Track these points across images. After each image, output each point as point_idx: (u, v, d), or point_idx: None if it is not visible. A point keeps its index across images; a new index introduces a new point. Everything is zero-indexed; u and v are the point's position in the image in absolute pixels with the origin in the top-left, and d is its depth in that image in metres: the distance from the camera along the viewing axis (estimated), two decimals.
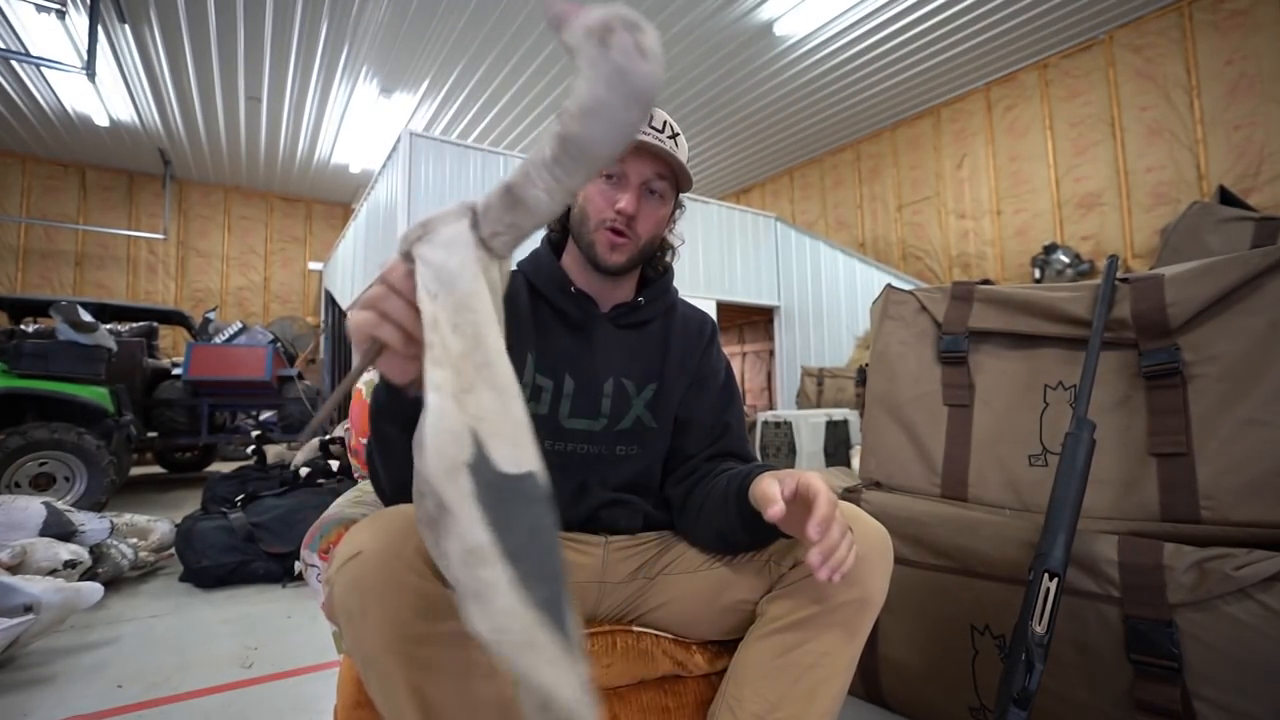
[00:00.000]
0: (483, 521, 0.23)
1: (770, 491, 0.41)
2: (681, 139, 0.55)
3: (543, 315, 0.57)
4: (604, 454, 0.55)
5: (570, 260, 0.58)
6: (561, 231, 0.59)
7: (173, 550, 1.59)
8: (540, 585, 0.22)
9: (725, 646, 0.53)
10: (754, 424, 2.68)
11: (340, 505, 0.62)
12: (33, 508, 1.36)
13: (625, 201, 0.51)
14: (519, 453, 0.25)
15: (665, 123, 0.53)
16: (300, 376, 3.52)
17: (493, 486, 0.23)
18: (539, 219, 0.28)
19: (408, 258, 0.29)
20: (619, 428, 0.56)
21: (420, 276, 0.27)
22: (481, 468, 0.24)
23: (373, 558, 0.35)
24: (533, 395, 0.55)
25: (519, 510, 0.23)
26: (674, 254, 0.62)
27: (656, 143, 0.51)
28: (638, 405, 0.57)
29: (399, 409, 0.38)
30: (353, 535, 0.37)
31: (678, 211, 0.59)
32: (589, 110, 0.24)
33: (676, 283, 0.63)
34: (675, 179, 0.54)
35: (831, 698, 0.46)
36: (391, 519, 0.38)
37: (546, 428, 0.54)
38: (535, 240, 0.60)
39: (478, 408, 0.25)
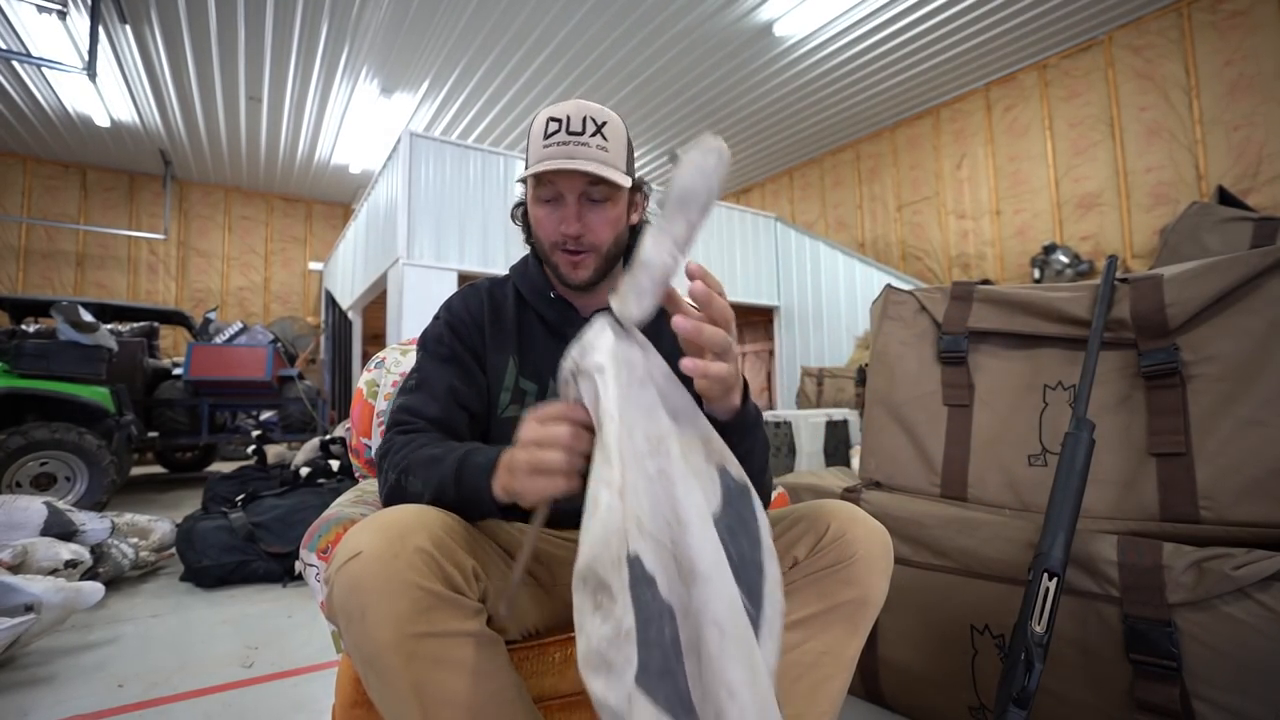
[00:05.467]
0: (632, 609, 0.28)
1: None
2: (611, 124, 0.51)
3: (527, 320, 0.58)
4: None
5: (553, 276, 0.58)
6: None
7: (173, 550, 1.59)
8: (662, 681, 0.27)
9: None
10: None
11: (340, 505, 0.62)
12: (34, 507, 1.36)
13: (566, 224, 0.50)
14: (644, 543, 0.30)
15: (586, 120, 0.50)
16: (301, 376, 3.52)
17: (640, 580, 0.29)
18: (653, 271, 0.36)
19: (576, 377, 0.36)
20: None
21: (592, 390, 0.34)
22: (635, 563, 0.29)
23: (372, 558, 0.35)
24: (516, 398, 0.55)
25: (651, 601, 0.29)
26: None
27: (578, 160, 0.48)
28: None
29: (481, 510, 0.43)
30: (352, 536, 0.37)
31: (640, 195, 0.57)
32: (684, 174, 0.35)
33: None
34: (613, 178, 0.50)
35: (832, 697, 0.46)
36: (391, 519, 0.38)
37: None
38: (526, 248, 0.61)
39: (637, 505, 0.30)
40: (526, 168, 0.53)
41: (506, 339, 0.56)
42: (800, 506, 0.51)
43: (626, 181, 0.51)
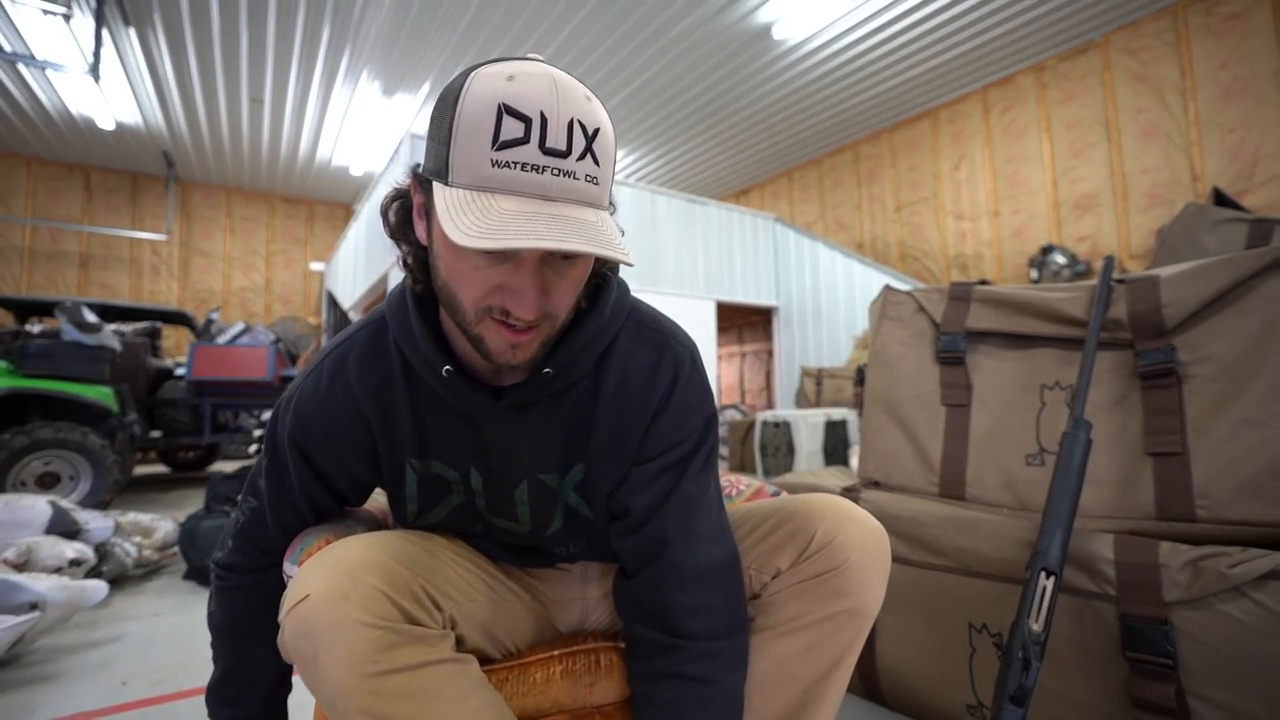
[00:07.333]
0: None
1: None
2: (602, 132, 0.31)
3: (426, 397, 0.41)
4: (541, 549, 0.47)
5: (452, 327, 0.38)
6: (427, 281, 0.38)
7: (176, 549, 1.60)
8: None
9: None
10: (753, 424, 2.68)
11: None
12: (38, 506, 1.37)
13: (525, 305, 0.32)
14: None
15: (573, 127, 0.30)
16: None
17: None
18: None
19: None
20: (549, 532, 0.45)
21: None
22: None
23: (321, 601, 0.33)
24: (440, 491, 0.43)
25: None
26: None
27: (565, 216, 0.29)
28: (566, 494, 0.43)
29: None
30: (300, 576, 0.35)
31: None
32: None
33: (674, 284, 0.46)
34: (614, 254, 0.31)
35: (825, 711, 0.44)
36: (341, 557, 0.36)
37: (468, 515, 0.45)
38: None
39: None
40: (447, 171, 0.30)
41: (403, 433, 0.41)
42: (785, 504, 0.45)
43: (622, 252, 0.30)
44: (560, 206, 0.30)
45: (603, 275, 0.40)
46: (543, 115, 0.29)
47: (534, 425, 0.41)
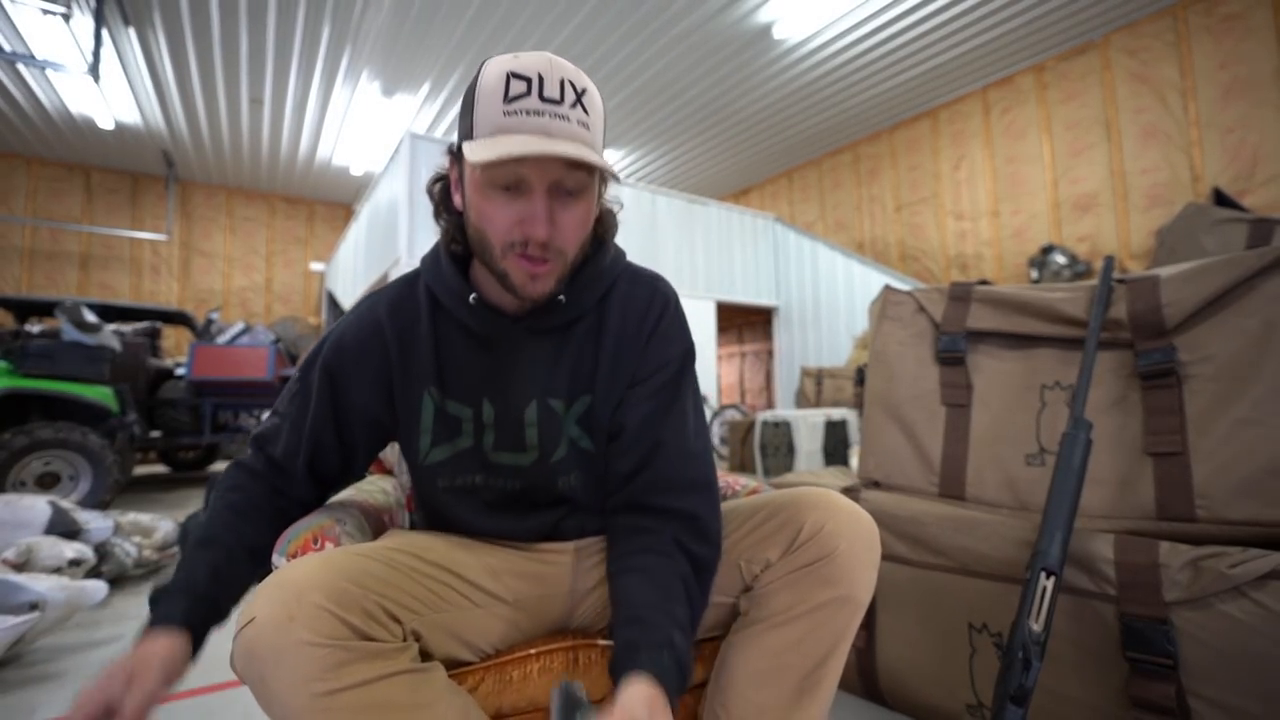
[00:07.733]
0: None
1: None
2: (590, 92, 0.40)
3: (448, 332, 0.47)
4: (542, 486, 0.48)
5: (481, 272, 0.46)
6: (464, 243, 0.46)
7: (176, 549, 1.60)
8: None
9: (701, 654, 0.48)
10: (753, 424, 2.69)
11: (326, 504, 0.55)
12: (38, 506, 1.37)
13: (537, 226, 0.39)
14: None
15: (564, 84, 0.39)
16: None
17: None
18: None
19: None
20: (554, 459, 0.47)
21: None
22: None
23: (266, 624, 0.33)
24: (445, 434, 0.47)
25: None
26: (615, 223, 0.49)
27: (559, 141, 0.38)
28: (569, 425, 0.47)
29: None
30: (250, 599, 0.36)
31: (605, 186, 0.46)
32: None
33: (674, 284, 0.52)
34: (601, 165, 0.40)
35: (819, 703, 0.44)
36: (288, 577, 0.36)
37: (475, 461, 0.47)
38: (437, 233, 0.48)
39: None
40: (472, 133, 0.39)
41: (422, 365, 0.47)
42: (774, 498, 0.47)
43: (610, 169, 0.40)
44: (558, 141, 0.39)
45: (600, 238, 0.48)
46: (540, 75, 0.39)
47: (546, 350, 0.47)
